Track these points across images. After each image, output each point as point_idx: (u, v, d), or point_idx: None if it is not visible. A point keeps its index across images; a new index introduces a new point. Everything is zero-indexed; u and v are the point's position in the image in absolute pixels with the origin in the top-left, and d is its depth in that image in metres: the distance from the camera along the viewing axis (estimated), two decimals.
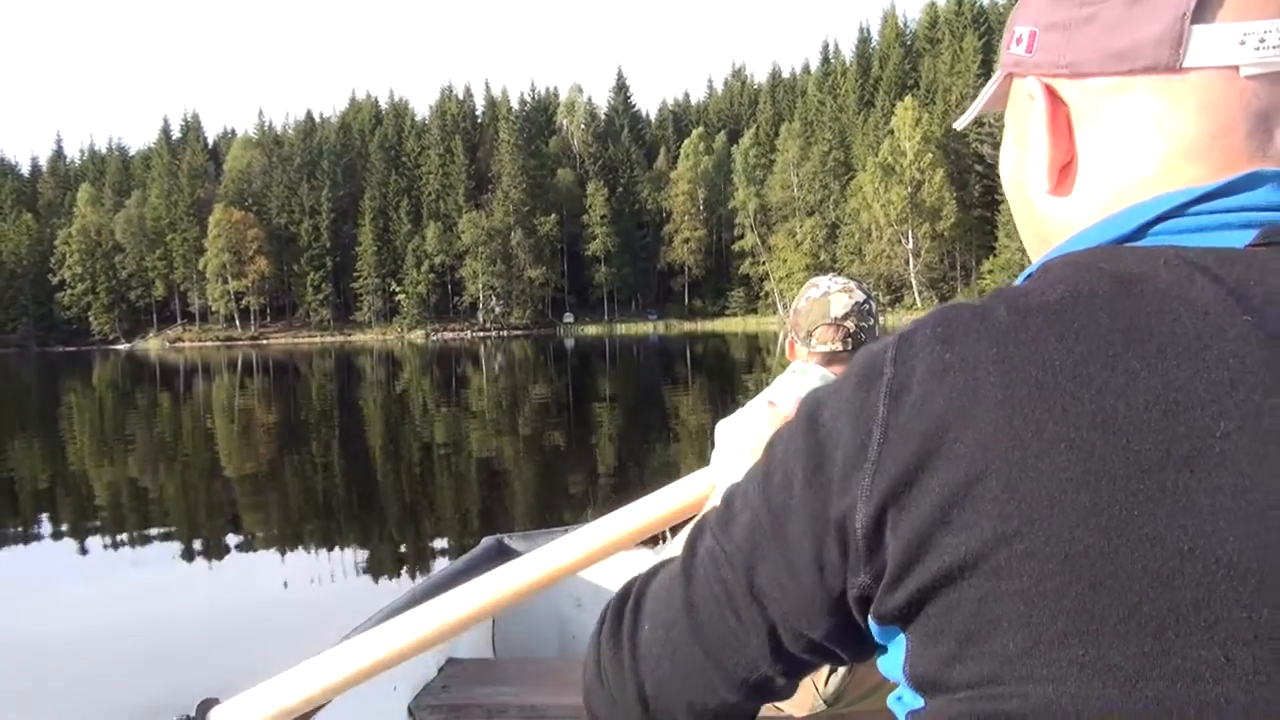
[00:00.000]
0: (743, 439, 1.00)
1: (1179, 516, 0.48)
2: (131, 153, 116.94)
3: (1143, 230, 0.59)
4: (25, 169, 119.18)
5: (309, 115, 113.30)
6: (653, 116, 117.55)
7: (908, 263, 78.25)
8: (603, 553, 1.17)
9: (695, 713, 0.68)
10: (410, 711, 2.66)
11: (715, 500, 0.72)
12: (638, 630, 0.69)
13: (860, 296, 2.33)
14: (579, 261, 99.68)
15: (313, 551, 7.87)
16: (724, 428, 2.20)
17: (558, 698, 2.67)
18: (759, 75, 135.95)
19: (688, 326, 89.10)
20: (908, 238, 77.53)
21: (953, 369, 0.54)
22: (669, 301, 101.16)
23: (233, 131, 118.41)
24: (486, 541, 3.48)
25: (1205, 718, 0.47)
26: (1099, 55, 0.61)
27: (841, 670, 2.17)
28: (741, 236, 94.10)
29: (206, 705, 1.17)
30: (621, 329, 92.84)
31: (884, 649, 0.60)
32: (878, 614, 0.57)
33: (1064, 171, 0.65)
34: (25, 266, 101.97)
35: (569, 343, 68.40)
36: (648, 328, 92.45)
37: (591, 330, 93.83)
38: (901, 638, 0.57)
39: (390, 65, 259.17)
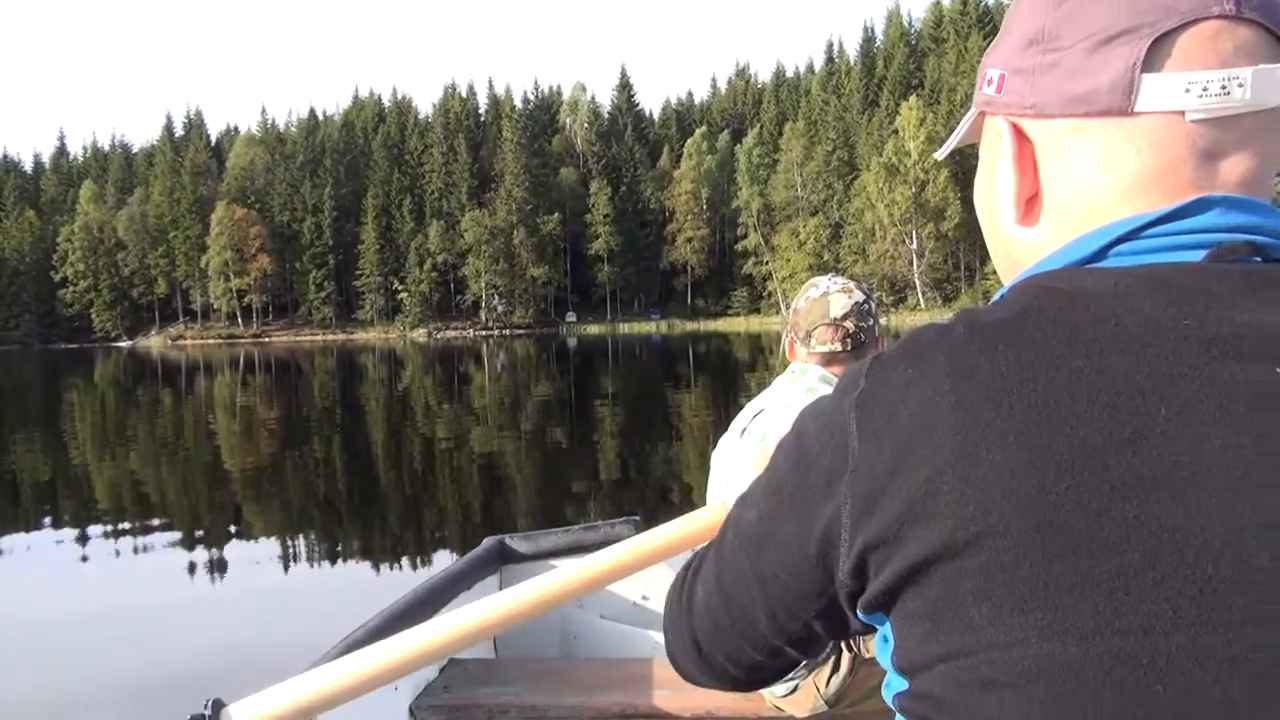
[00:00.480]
0: (747, 470, 1.07)
1: (1123, 490, 0.53)
2: (134, 150, 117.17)
3: (1104, 252, 0.65)
4: (28, 166, 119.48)
5: (312, 113, 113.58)
6: (656, 115, 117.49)
7: (911, 263, 78.10)
8: (620, 574, 1.28)
9: (733, 662, 0.80)
10: (411, 712, 2.63)
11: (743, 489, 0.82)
12: (694, 590, 0.82)
13: (860, 297, 2.32)
14: (582, 260, 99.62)
15: (315, 549, 7.83)
16: (719, 455, 2.11)
17: (559, 698, 2.65)
18: (763, 74, 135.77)
19: (690, 326, 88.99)
20: (912, 238, 77.37)
21: (914, 382, 0.61)
22: (672, 301, 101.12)
23: (236, 129, 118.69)
24: (488, 542, 3.44)
25: (1158, 666, 0.52)
26: (1060, 99, 0.67)
27: (843, 671, 2.23)
28: (745, 236, 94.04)
29: (218, 705, 1.20)
30: (624, 328, 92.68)
31: (874, 630, 0.67)
32: (864, 605, 0.64)
33: (1030, 203, 0.71)
34: (28, 264, 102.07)
35: (571, 342, 68.05)
36: (650, 327, 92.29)
37: (594, 329, 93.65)
38: (887, 625, 0.64)
39: (394, 63, 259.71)
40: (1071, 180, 0.68)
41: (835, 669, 2.26)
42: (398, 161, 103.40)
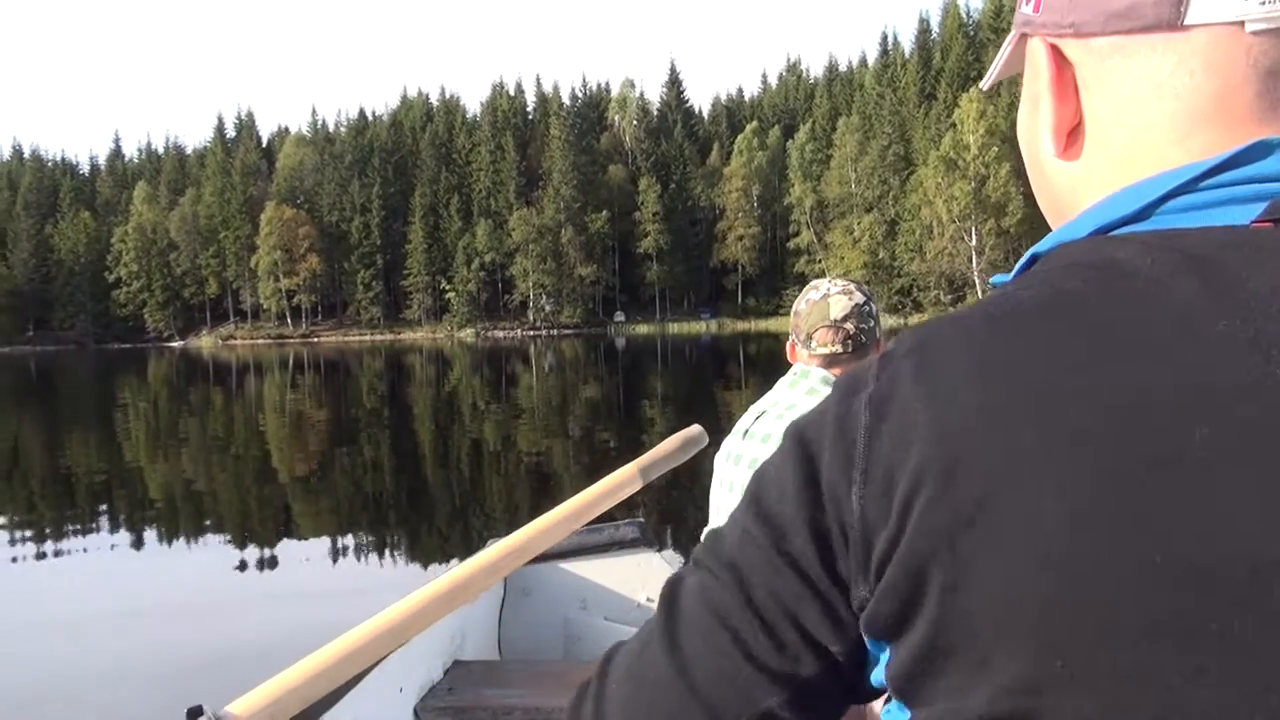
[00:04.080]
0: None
1: (1149, 524, 0.47)
2: (187, 151, 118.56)
3: (1148, 210, 0.56)
4: (85, 168, 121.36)
5: (361, 112, 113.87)
6: (706, 112, 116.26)
7: (971, 261, 76.00)
8: (559, 530, 1.63)
9: None
10: (416, 713, 2.65)
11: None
12: (604, 690, 0.64)
13: (860, 298, 2.36)
14: (630, 259, 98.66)
15: (362, 548, 7.91)
16: (722, 458, 2.47)
17: (562, 699, 2.37)
18: (815, 69, 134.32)
19: (741, 325, 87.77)
20: (971, 234, 75.32)
21: (932, 374, 0.54)
22: (722, 300, 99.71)
23: (286, 129, 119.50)
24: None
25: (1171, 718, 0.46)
26: (1101, 14, 0.59)
27: None
28: (797, 234, 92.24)
29: (195, 713, 1.17)
30: (673, 328, 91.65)
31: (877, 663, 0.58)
32: (869, 622, 0.55)
33: (1072, 134, 0.63)
34: (83, 265, 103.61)
35: (620, 342, 67.78)
36: (700, 327, 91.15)
37: (643, 329, 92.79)
38: (887, 650, 0.56)
39: (442, 62, 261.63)
40: (1116, 108, 0.60)
41: None
42: (445, 160, 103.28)
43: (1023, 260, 0.61)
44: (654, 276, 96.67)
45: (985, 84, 0.77)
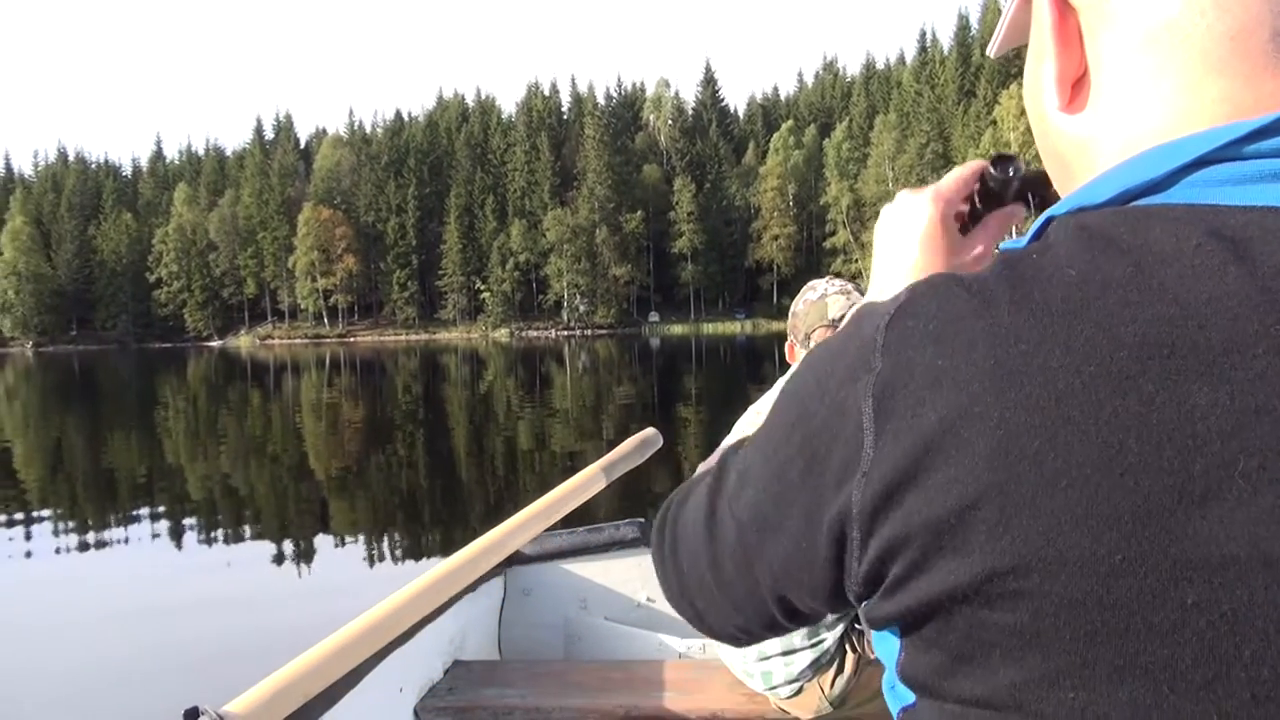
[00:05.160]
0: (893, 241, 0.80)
1: (1185, 566, 0.43)
2: (227, 153, 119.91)
3: (1174, 177, 0.50)
4: (127, 170, 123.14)
5: (397, 114, 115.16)
6: (741, 111, 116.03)
7: None
8: (533, 526, 1.97)
9: (735, 627, 0.71)
10: (416, 713, 2.67)
11: (733, 438, 0.64)
12: (678, 556, 0.72)
13: (857, 298, 2.37)
14: (665, 259, 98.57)
15: (396, 546, 8.02)
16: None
17: (563, 699, 2.69)
18: (852, 67, 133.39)
19: (776, 325, 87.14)
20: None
21: (946, 376, 0.48)
22: (757, 300, 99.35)
23: (324, 131, 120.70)
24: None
25: None
26: None
27: (847, 672, 2.30)
28: (833, 233, 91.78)
29: (192, 714, 1.17)
30: (708, 328, 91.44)
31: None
32: (870, 617, 0.55)
33: (1077, 86, 0.58)
34: (124, 265, 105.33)
35: (654, 342, 67.64)
36: (735, 327, 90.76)
37: (677, 329, 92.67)
38: (895, 638, 0.55)
39: (477, 63, 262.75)
40: (1120, 56, 0.54)
41: (840, 670, 2.31)
42: (480, 161, 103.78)
43: (1037, 223, 0.55)
44: (689, 276, 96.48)
45: (992, 50, 0.73)
